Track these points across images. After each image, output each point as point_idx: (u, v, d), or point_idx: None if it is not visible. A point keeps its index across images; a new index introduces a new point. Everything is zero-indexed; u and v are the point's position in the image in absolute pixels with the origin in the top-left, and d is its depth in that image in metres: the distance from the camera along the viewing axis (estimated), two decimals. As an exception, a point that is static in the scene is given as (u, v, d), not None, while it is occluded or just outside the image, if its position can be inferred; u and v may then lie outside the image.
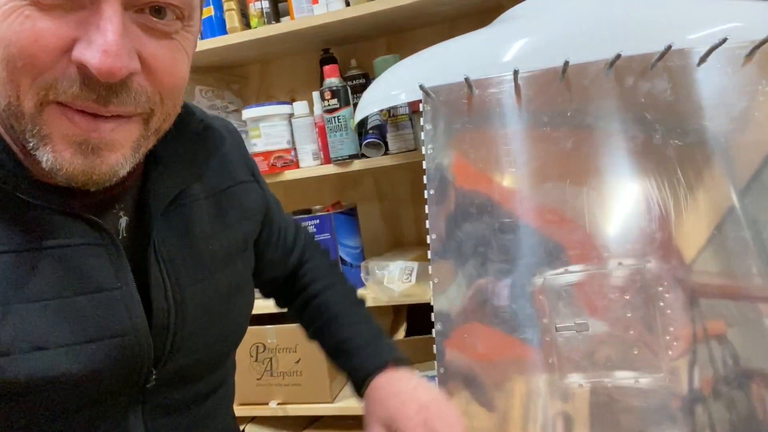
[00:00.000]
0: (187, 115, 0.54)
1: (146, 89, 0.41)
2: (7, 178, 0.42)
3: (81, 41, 0.38)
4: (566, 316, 0.73)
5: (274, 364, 1.22)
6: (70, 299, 0.44)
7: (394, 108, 1.13)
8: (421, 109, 0.89)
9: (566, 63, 0.83)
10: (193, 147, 0.55)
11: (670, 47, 0.80)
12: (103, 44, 0.37)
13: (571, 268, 0.78)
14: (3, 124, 0.43)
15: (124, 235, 0.50)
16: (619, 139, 0.81)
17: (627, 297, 0.74)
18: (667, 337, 0.72)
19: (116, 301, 0.46)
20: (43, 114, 0.39)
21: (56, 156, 0.40)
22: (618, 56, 0.82)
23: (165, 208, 0.51)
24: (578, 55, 0.84)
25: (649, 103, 0.81)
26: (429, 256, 0.84)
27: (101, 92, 0.39)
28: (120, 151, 0.42)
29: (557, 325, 0.74)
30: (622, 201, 0.79)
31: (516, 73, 0.85)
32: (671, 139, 0.80)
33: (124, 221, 0.50)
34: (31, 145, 0.40)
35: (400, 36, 1.34)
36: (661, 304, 0.73)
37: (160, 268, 0.50)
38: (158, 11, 0.41)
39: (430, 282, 0.84)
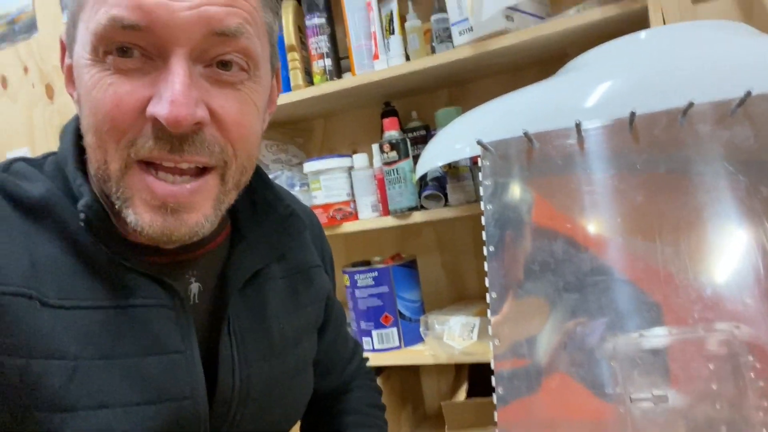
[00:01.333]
0: (276, 200, 0.57)
1: (218, 140, 0.43)
2: (99, 233, 0.45)
3: (153, 98, 0.41)
4: (642, 386, 0.67)
5: None
6: (136, 359, 0.45)
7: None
8: (479, 164, 0.87)
9: (632, 114, 0.79)
10: (277, 229, 0.57)
11: (749, 92, 0.74)
12: (171, 95, 0.40)
13: (647, 332, 0.72)
14: (97, 186, 0.46)
15: (196, 301, 0.51)
16: (696, 191, 0.75)
17: (712, 366, 0.67)
18: (760, 413, 0.63)
19: (179, 366, 0.47)
20: (126, 177, 0.42)
21: (138, 217, 0.42)
22: (691, 104, 0.77)
23: (243, 283, 0.53)
24: (649, 106, 0.79)
25: (729, 152, 0.75)
26: (489, 315, 0.80)
27: (174, 143, 0.41)
28: (200, 211, 0.44)
29: (632, 396, 0.68)
30: (703, 259, 0.73)
31: (579, 125, 0.81)
32: (757, 191, 0.73)
33: (195, 287, 0.51)
34: (118, 205, 0.43)
35: (462, 87, 1.34)
36: (752, 375, 0.65)
37: (231, 343, 0.51)
38: (225, 65, 0.44)
39: (491, 343, 0.80)
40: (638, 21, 1.04)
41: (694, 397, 0.66)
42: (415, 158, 1.15)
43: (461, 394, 1.11)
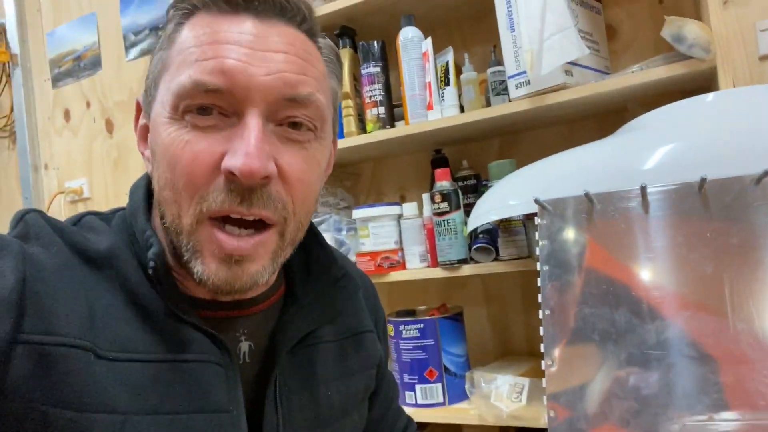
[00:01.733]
0: (329, 262, 0.57)
1: (282, 196, 0.45)
2: (161, 284, 0.46)
3: (228, 153, 0.43)
4: (712, 476, 0.62)
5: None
6: (185, 416, 0.44)
7: (507, 212, 1.09)
8: (536, 223, 0.84)
9: (703, 178, 0.75)
10: (331, 291, 0.57)
11: (832, 162, 0.70)
12: (245, 149, 0.42)
13: (718, 415, 0.67)
14: (166, 238, 0.48)
15: (246, 360, 0.51)
16: (772, 265, 0.71)
17: (791, 460, 0.62)
18: None
19: (225, 425, 0.46)
20: (198, 231, 0.44)
21: (205, 268, 0.44)
22: (766, 172, 0.73)
23: (293, 346, 0.52)
24: (716, 171, 0.76)
25: (807, 224, 0.71)
26: (544, 384, 0.77)
27: (244, 195, 0.43)
28: (260, 261, 0.45)
29: (702, 488, 0.63)
30: (780, 338, 0.68)
31: (644, 187, 0.78)
32: (839, 267, 0.68)
33: (246, 346, 0.51)
34: (186, 257, 0.45)
35: (514, 137, 1.32)
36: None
37: (277, 407, 0.50)
38: (295, 125, 0.46)
39: (546, 415, 0.75)
40: (703, 80, 1.01)
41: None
42: (466, 208, 1.14)
43: (508, 459, 1.05)
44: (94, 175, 1.98)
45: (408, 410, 1.13)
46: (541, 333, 0.79)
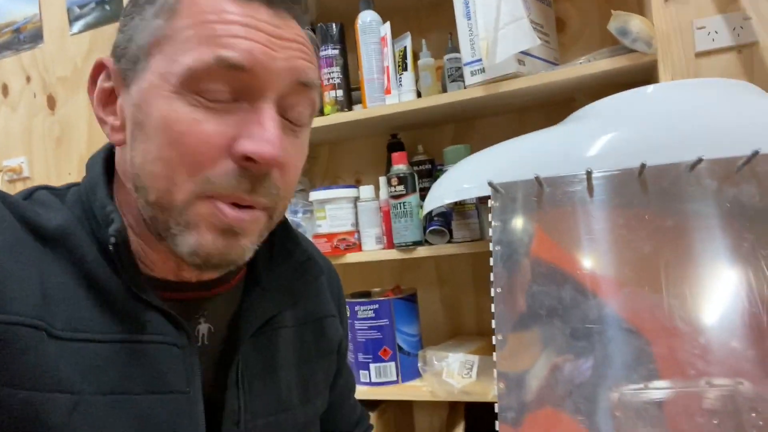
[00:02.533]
0: (294, 246, 0.57)
1: (278, 182, 0.45)
2: (121, 262, 0.44)
3: (242, 137, 0.43)
4: (647, 438, 0.67)
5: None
6: (140, 396, 0.44)
7: (460, 196, 1.13)
8: (489, 205, 0.88)
9: (643, 165, 0.80)
10: (293, 275, 0.57)
11: (757, 152, 0.76)
12: (267, 136, 0.43)
13: (652, 384, 0.72)
14: (135, 214, 0.47)
15: (205, 342, 0.51)
16: (703, 245, 0.77)
17: (715, 422, 0.68)
18: (765, 473, 0.64)
19: (181, 406, 0.46)
20: (193, 207, 0.43)
21: (200, 238, 0.43)
22: (700, 159, 0.78)
23: (255, 330, 0.52)
24: (656, 158, 0.81)
25: (735, 209, 0.77)
26: (494, 358, 0.80)
27: (253, 182, 0.44)
28: (249, 237, 0.45)
29: (637, 449, 0.68)
30: (709, 313, 0.74)
31: (590, 172, 0.83)
32: (762, 248, 0.75)
33: (205, 328, 0.51)
34: (174, 232, 0.44)
35: (468, 123, 1.36)
36: (756, 432, 0.66)
37: (238, 392, 0.50)
38: (293, 114, 0.47)
39: (495, 386, 0.79)
40: (644, 72, 1.07)
41: (698, 452, 0.66)
42: (421, 192, 1.16)
43: (458, 433, 1.10)
44: (34, 152, 1.89)
45: (362, 388, 1.17)
46: (492, 310, 0.83)
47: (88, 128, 1.80)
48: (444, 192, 1.01)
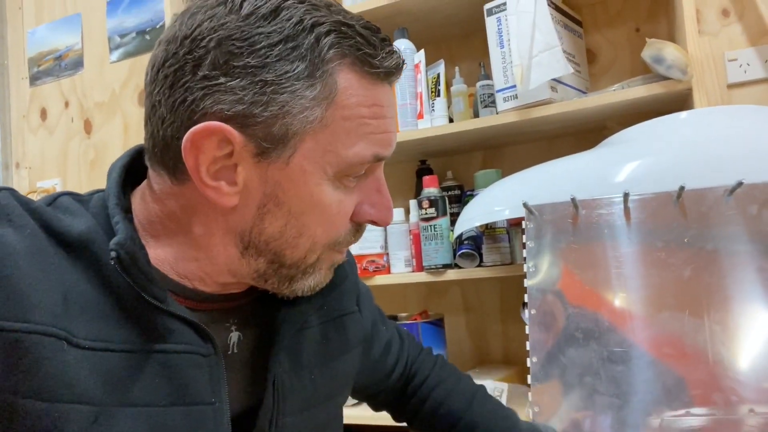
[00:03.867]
0: None
1: None
2: (131, 273, 0.43)
3: (365, 204, 0.49)
4: (689, 467, 0.65)
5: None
6: (162, 409, 0.43)
7: (491, 220, 1.13)
8: (523, 226, 0.88)
9: (682, 187, 0.80)
10: None
11: (797, 177, 0.76)
12: (387, 204, 0.49)
13: (693, 410, 0.70)
14: (186, 264, 0.48)
15: (234, 351, 0.50)
16: (743, 270, 0.76)
17: (761, 451, 0.65)
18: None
19: (207, 417, 0.45)
20: (320, 260, 0.49)
21: (319, 278, 0.50)
22: (740, 183, 0.78)
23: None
24: (692, 182, 0.81)
25: (776, 234, 0.76)
26: (529, 381, 0.79)
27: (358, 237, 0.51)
28: None
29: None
30: (749, 338, 0.72)
31: (626, 195, 0.83)
32: (804, 274, 0.73)
33: (235, 336, 0.51)
34: (295, 279, 0.49)
35: (497, 150, 1.37)
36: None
37: (274, 392, 0.50)
38: None
39: (529, 410, 0.78)
40: (677, 102, 1.08)
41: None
42: (451, 216, 1.17)
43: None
44: (69, 175, 1.94)
45: (384, 413, 1.14)
46: (527, 331, 0.82)
47: (122, 151, 1.84)
48: (475, 214, 1.01)
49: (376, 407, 0.77)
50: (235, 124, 0.42)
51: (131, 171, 0.50)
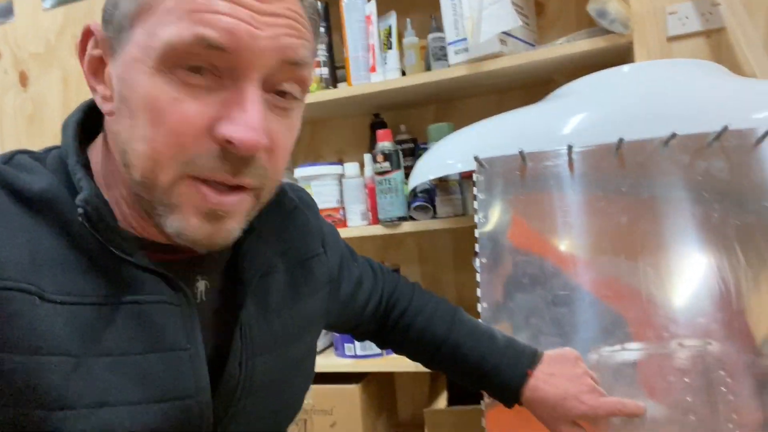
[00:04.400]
0: (282, 194, 0.57)
1: (265, 163, 0.44)
2: (98, 229, 0.43)
3: (223, 120, 0.41)
4: (622, 397, 0.71)
5: (309, 427, 1.20)
6: (140, 356, 0.44)
7: (443, 173, 1.15)
8: (474, 179, 0.91)
9: (620, 140, 0.84)
10: (284, 223, 0.58)
11: (726, 127, 0.81)
12: (248, 122, 0.41)
13: (628, 345, 0.76)
14: (120, 190, 0.46)
15: (203, 299, 0.51)
16: (675, 216, 0.81)
17: (687, 380, 0.72)
18: (730, 425, 0.69)
19: (184, 363, 0.46)
20: (177, 187, 0.42)
21: (185, 224, 0.43)
22: (673, 135, 0.83)
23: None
24: (632, 134, 0.85)
25: (706, 181, 0.82)
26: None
27: (236, 165, 0.42)
28: (236, 219, 0.44)
29: (614, 405, 0.72)
30: (680, 279, 0.78)
31: (570, 147, 0.86)
32: (730, 218, 0.79)
33: (202, 284, 0.51)
34: (159, 212, 0.43)
35: (449, 104, 1.39)
36: (723, 389, 0.71)
37: (241, 335, 0.51)
38: (282, 93, 0.44)
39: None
40: (620, 55, 1.11)
41: (671, 408, 0.71)
42: (406, 169, 1.19)
43: (441, 402, 1.13)
44: (5, 130, 1.84)
45: (347, 361, 1.19)
46: (477, 279, 0.86)
47: (62, 106, 1.77)
48: (429, 168, 1.03)
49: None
50: (102, 23, 0.44)
51: (86, 127, 0.49)
